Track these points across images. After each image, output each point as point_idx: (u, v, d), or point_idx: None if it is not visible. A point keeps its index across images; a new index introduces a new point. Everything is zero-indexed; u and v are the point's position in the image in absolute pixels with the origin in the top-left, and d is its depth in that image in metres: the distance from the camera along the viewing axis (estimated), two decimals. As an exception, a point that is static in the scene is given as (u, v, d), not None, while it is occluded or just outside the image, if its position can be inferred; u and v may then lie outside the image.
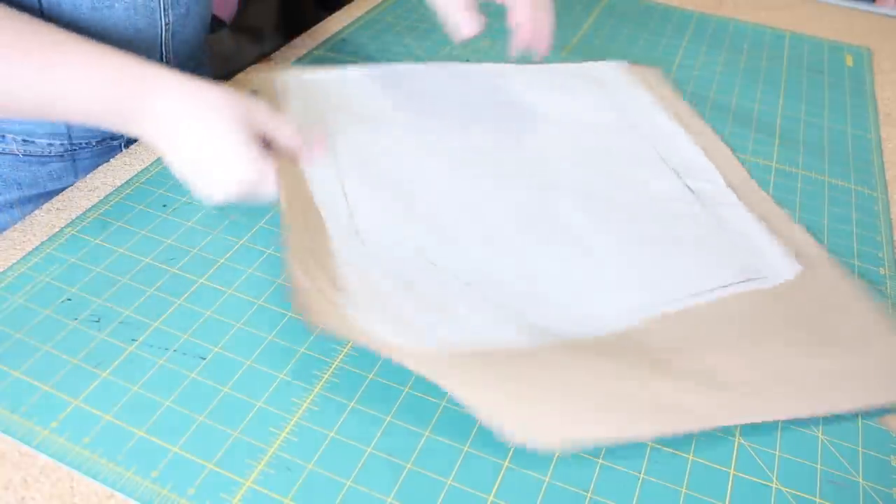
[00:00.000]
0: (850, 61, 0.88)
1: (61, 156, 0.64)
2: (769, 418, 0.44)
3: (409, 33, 0.85)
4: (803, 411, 0.45)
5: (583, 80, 0.74)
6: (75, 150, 0.65)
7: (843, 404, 0.45)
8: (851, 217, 0.63)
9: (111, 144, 0.67)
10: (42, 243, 0.52)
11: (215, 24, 1.03)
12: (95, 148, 0.66)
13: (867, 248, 0.60)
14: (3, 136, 0.61)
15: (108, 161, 0.60)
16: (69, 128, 0.63)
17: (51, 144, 0.63)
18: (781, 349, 0.47)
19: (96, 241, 0.52)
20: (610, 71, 0.76)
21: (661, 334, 0.48)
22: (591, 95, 0.72)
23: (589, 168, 0.62)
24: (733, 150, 0.68)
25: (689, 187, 0.60)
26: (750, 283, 0.51)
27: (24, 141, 0.62)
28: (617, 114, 0.69)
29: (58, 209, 0.55)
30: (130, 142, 0.68)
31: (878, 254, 0.59)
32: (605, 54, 0.82)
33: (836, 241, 0.60)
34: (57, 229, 0.53)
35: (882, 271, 0.58)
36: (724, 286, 0.51)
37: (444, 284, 0.49)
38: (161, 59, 0.63)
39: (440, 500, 0.39)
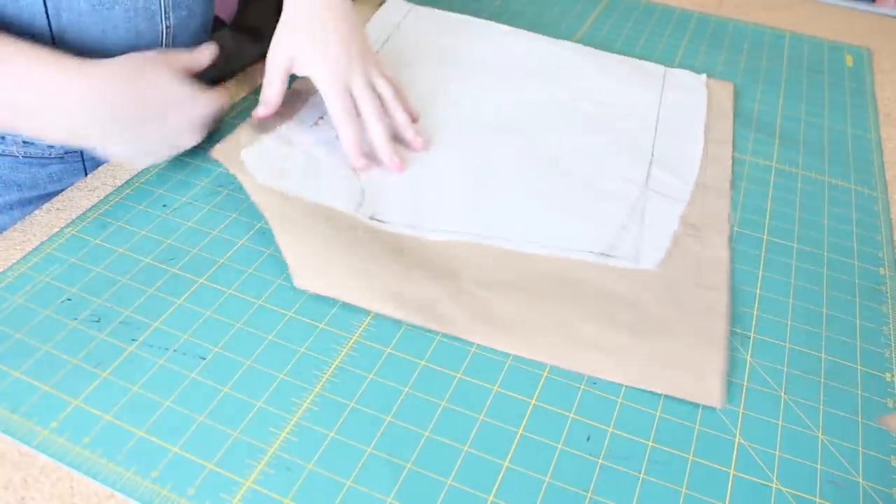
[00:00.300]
0: (850, 61, 0.88)
1: (61, 157, 0.64)
2: (518, 352, 0.47)
3: (409, 33, 0.84)
4: (562, 362, 0.47)
5: (647, 76, 0.77)
6: (76, 151, 0.65)
7: (615, 375, 0.47)
8: (851, 217, 0.63)
9: None
10: (42, 243, 0.52)
11: (215, 24, 1.03)
12: None
13: (867, 248, 0.60)
14: (3, 138, 0.61)
15: (107, 161, 0.60)
16: None
17: (51, 146, 0.63)
18: (589, 315, 0.50)
19: (96, 241, 0.52)
20: (683, 77, 0.78)
21: (473, 261, 0.53)
22: (644, 90, 0.75)
23: (574, 137, 0.67)
24: (735, 152, 0.68)
25: (648, 173, 0.63)
26: (602, 257, 0.54)
27: (25, 143, 0.62)
28: (652, 109, 0.72)
29: (58, 209, 0.55)
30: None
31: (878, 254, 0.59)
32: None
33: (836, 241, 0.60)
34: (57, 229, 0.53)
35: (882, 271, 0.58)
36: (573, 250, 0.55)
37: (336, 159, 0.60)
38: None
39: (440, 500, 0.39)
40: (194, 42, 0.67)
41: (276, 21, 0.62)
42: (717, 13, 0.96)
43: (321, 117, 0.63)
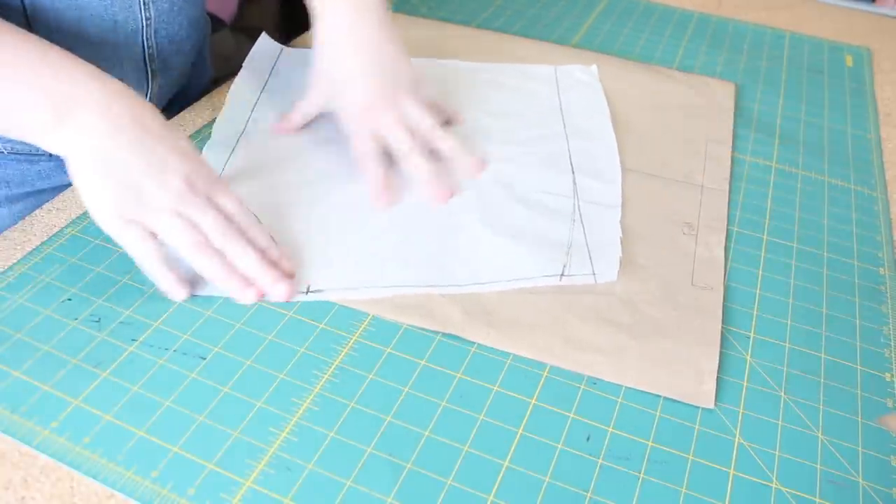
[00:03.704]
0: (850, 61, 0.88)
1: (50, 155, 0.63)
2: (516, 351, 0.48)
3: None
4: (559, 361, 0.47)
5: (540, 80, 0.75)
6: None
7: (611, 375, 0.47)
8: (851, 217, 0.63)
9: None
10: (42, 243, 0.52)
11: (215, 24, 1.03)
12: None
13: (867, 248, 0.60)
14: None
15: None
16: None
17: None
18: (586, 314, 0.50)
19: (96, 241, 0.52)
20: (577, 74, 0.76)
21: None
22: (541, 96, 0.72)
23: (489, 156, 0.63)
24: (734, 152, 0.69)
25: (575, 183, 0.61)
26: (561, 278, 0.53)
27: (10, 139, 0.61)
28: (555, 114, 0.70)
29: (58, 209, 0.55)
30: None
31: (878, 254, 0.59)
32: (606, 54, 0.82)
33: (835, 241, 0.60)
34: (57, 229, 0.53)
35: (882, 271, 0.58)
36: (528, 279, 0.52)
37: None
38: (143, 56, 0.63)
39: (440, 500, 0.39)
40: (181, 38, 0.66)
41: (276, 21, 0.61)
42: (717, 13, 0.96)
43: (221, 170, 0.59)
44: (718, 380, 0.47)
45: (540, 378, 0.46)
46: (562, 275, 0.53)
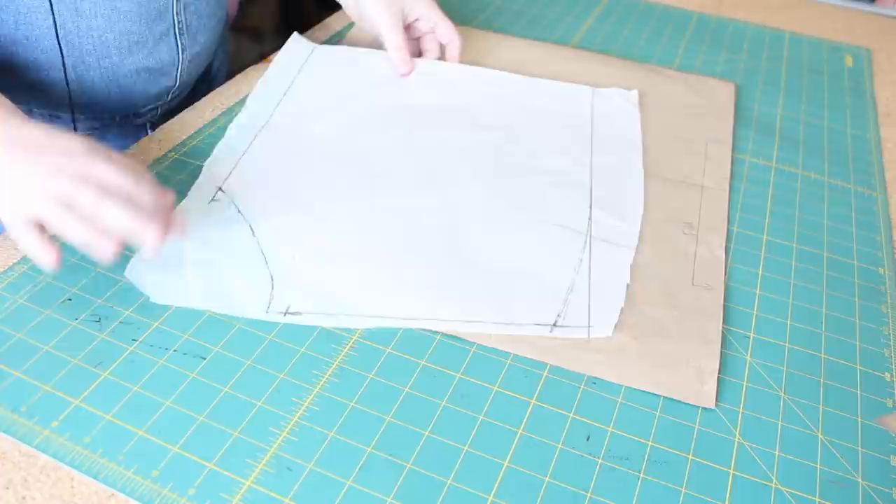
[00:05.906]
0: (849, 61, 0.88)
1: (73, 117, 0.67)
2: (517, 351, 0.48)
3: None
4: (561, 361, 0.47)
5: (574, 104, 0.71)
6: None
7: (612, 375, 0.47)
8: (851, 217, 0.63)
9: (136, 123, 0.71)
10: (42, 243, 0.52)
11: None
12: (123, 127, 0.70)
13: (867, 248, 0.60)
14: (31, 112, 0.64)
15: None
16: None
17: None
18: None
19: (96, 241, 0.52)
20: (614, 98, 0.72)
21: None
22: (572, 121, 0.69)
23: (504, 183, 0.61)
24: (735, 152, 0.68)
25: (590, 217, 0.58)
26: (553, 329, 0.49)
27: (51, 116, 0.65)
28: (584, 142, 0.67)
29: (58, 209, 0.55)
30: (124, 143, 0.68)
31: (878, 254, 0.59)
32: (605, 54, 0.82)
33: (835, 241, 0.60)
34: (57, 229, 0.53)
35: (881, 271, 0.58)
36: (519, 325, 0.49)
37: (235, 250, 0.53)
38: (174, 30, 0.66)
39: (440, 500, 0.40)
40: (207, 13, 0.70)
41: (276, 21, 0.62)
42: (717, 13, 0.96)
43: (220, 188, 0.57)
44: (718, 380, 0.47)
45: (540, 378, 0.46)
46: (554, 325, 0.49)
